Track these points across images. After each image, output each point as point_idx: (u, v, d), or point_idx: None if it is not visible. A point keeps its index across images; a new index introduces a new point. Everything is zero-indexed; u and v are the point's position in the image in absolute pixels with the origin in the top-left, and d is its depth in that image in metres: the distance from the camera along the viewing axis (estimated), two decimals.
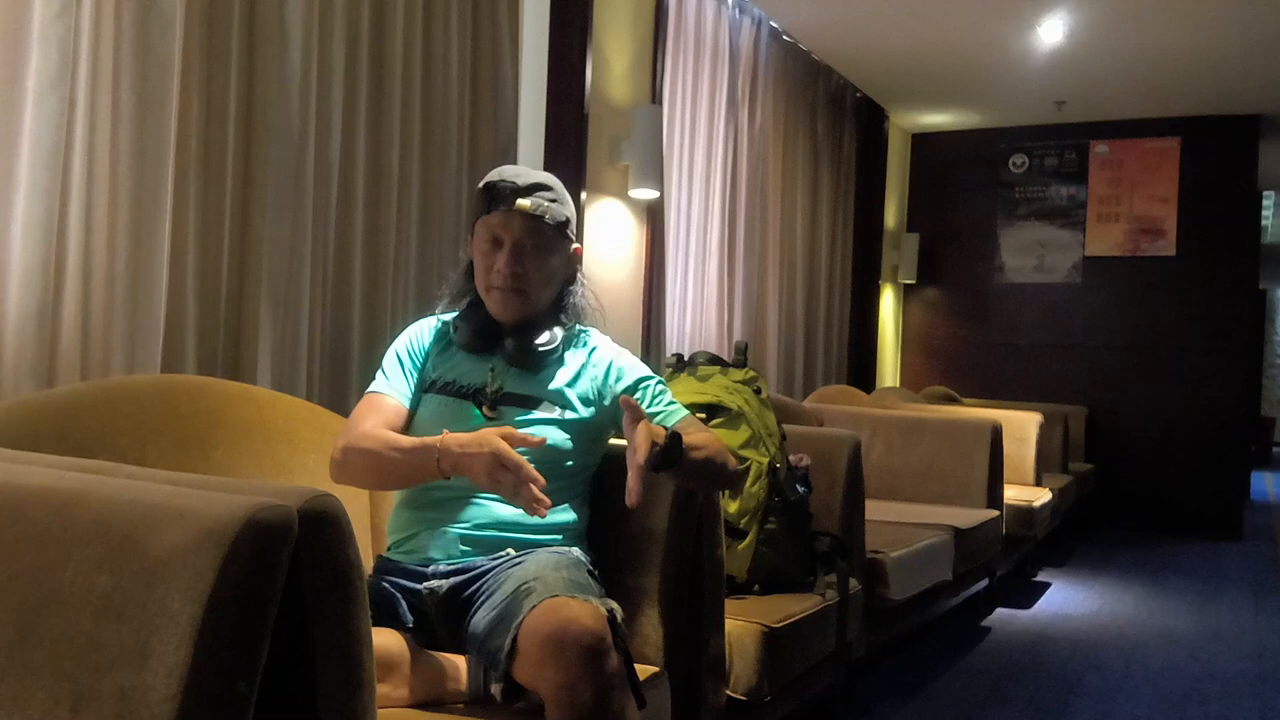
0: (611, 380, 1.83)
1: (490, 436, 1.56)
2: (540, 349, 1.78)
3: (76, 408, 1.59)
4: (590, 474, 1.85)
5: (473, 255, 1.85)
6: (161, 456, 1.63)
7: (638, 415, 1.56)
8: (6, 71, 1.78)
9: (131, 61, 1.96)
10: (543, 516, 1.54)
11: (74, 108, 1.88)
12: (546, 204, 1.79)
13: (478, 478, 1.57)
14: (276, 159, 2.28)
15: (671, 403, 1.84)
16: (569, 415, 1.78)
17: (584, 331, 1.89)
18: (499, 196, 1.78)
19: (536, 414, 1.77)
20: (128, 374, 1.96)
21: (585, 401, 1.82)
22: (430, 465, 1.61)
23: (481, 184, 1.83)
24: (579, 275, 1.90)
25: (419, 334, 1.90)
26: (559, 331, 1.82)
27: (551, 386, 1.80)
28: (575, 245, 1.88)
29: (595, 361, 1.85)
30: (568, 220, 1.83)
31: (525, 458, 1.60)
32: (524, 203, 1.77)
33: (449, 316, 1.90)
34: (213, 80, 2.16)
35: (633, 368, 1.86)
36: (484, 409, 1.77)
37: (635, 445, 1.51)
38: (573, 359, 1.84)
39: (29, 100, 1.79)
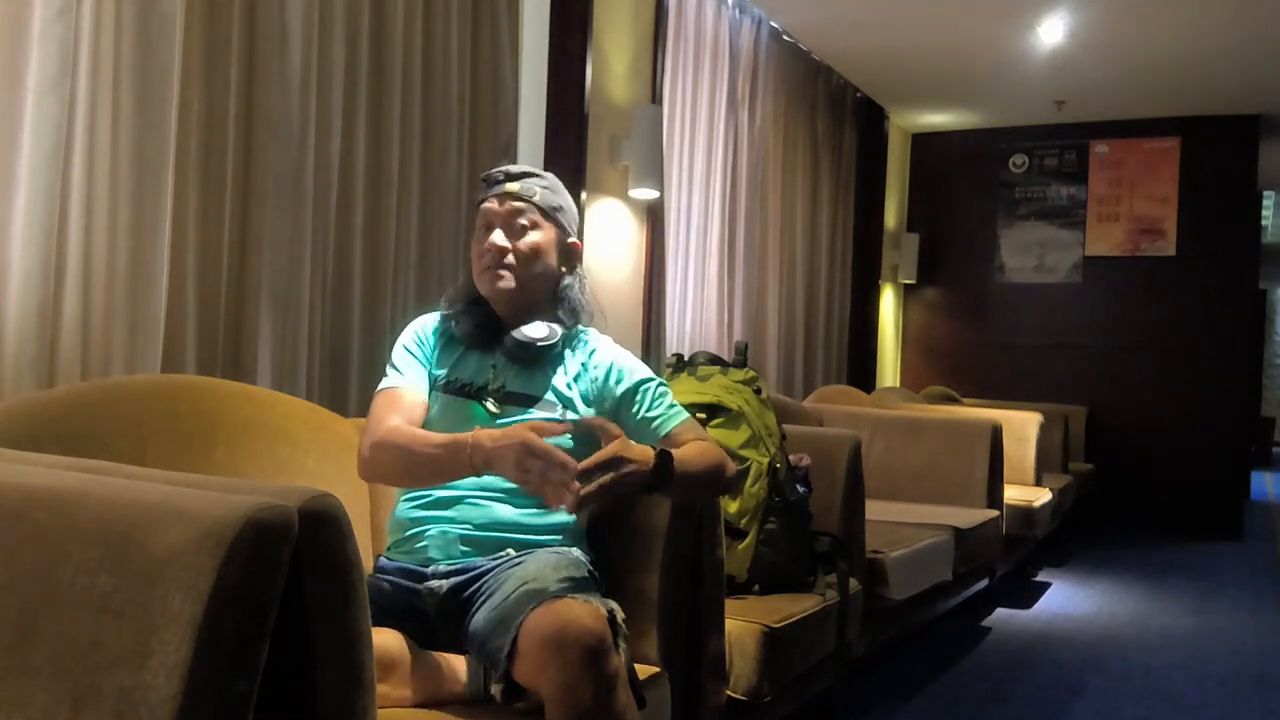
0: (612, 382, 1.83)
1: (520, 429, 1.57)
2: (540, 345, 1.78)
3: (76, 408, 1.59)
4: None
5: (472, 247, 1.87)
6: (161, 456, 1.63)
7: (610, 436, 1.60)
8: (6, 71, 1.78)
9: (131, 61, 1.96)
10: (571, 511, 1.54)
11: (74, 108, 1.88)
12: (536, 188, 1.83)
13: (508, 470, 1.57)
14: (276, 159, 2.28)
15: (673, 405, 1.83)
16: (570, 415, 1.78)
17: (583, 332, 1.89)
18: (492, 182, 1.84)
19: (536, 412, 1.77)
20: (128, 374, 1.96)
21: (586, 401, 1.82)
22: (463, 460, 1.60)
23: (480, 178, 1.88)
24: (579, 270, 1.91)
25: (423, 328, 1.90)
26: (558, 329, 1.82)
27: (552, 390, 1.80)
28: (573, 239, 1.88)
29: (596, 363, 1.85)
30: (560, 207, 1.85)
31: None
32: (512, 186, 1.82)
33: (449, 312, 1.90)
34: (213, 80, 2.16)
35: (633, 369, 1.85)
36: (487, 407, 1.77)
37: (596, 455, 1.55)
38: (573, 359, 1.84)
39: (29, 100, 1.79)
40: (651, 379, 1.85)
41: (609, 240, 3.71)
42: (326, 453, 1.93)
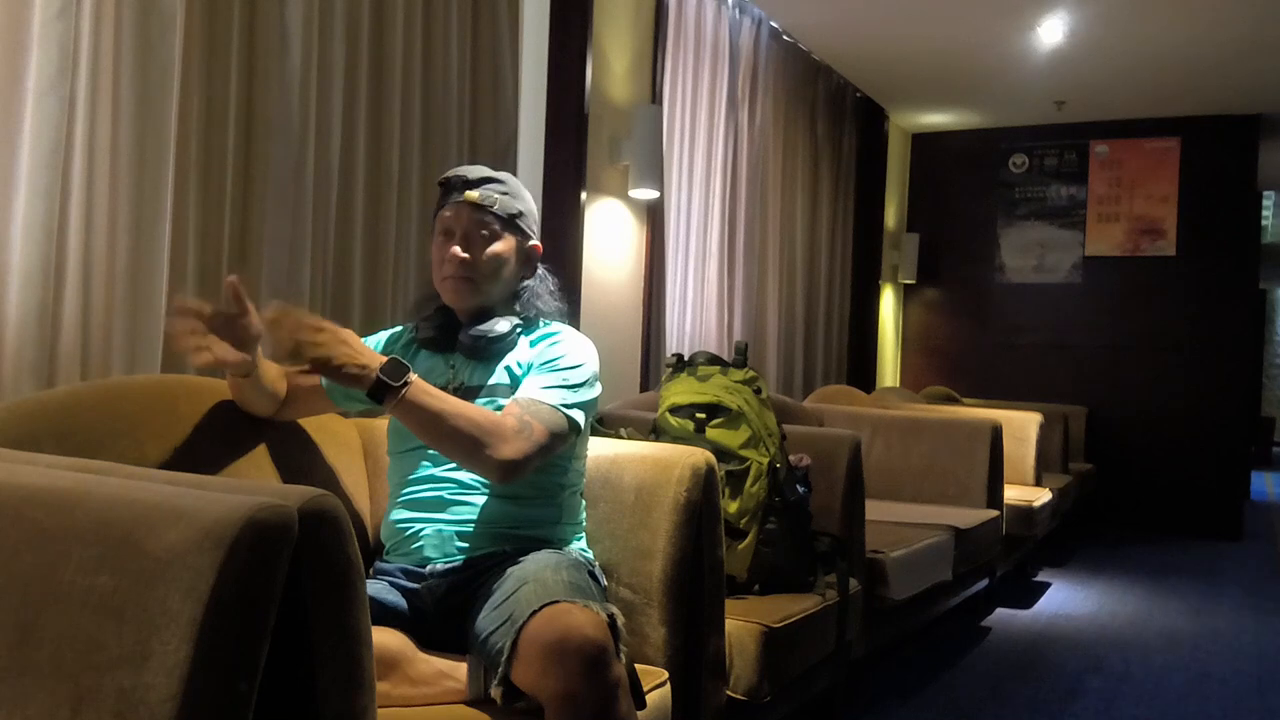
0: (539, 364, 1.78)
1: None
2: (491, 337, 1.77)
3: (76, 408, 1.59)
4: (567, 464, 1.81)
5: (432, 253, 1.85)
6: (161, 456, 1.63)
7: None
8: (6, 71, 1.78)
9: (131, 61, 1.96)
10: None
11: (74, 108, 1.88)
12: (496, 196, 1.80)
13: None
14: (276, 159, 2.28)
15: (548, 386, 1.72)
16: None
17: (548, 323, 1.86)
18: (450, 189, 1.81)
19: (484, 399, 1.75)
20: (128, 374, 1.96)
21: None
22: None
23: (438, 181, 1.84)
24: (539, 271, 1.90)
25: (380, 341, 1.91)
26: (513, 320, 1.81)
27: (504, 373, 1.78)
28: (533, 242, 1.88)
29: (549, 353, 1.79)
30: (520, 213, 1.83)
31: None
32: (472, 194, 1.79)
33: (416, 321, 1.89)
34: (213, 80, 2.16)
35: (557, 355, 1.77)
36: None
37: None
38: (531, 349, 1.81)
39: (29, 100, 1.79)
40: (557, 358, 1.77)
41: (609, 240, 3.71)
42: (327, 453, 1.93)
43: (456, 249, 1.77)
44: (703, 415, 2.43)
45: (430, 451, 1.73)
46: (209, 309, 1.60)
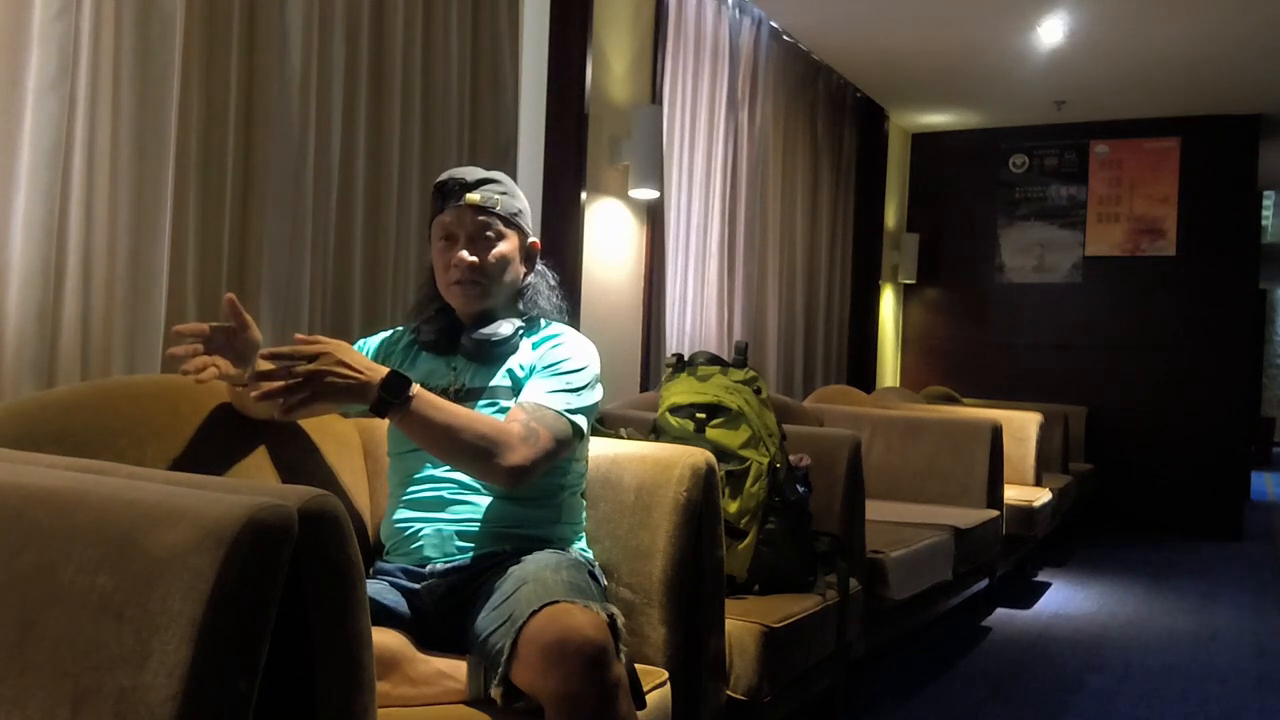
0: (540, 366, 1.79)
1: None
2: (494, 340, 1.77)
3: (76, 408, 1.59)
4: (568, 465, 1.81)
5: (432, 258, 1.85)
6: (161, 456, 1.63)
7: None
8: (6, 71, 1.78)
9: (131, 61, 1.96)
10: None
11: (74, 108, 1.88)
12: (496, 196, 1.80)
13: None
14: (276, 159, 2.28)
15: (553, 391, 1.72)
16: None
17: (549, 324, 1.86)
18: (449, 193, 1.79)
19: (486, 401, 1.75)
20: (128, 374, 1.96)
21: None
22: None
23: (433, 186, 1.83)
24: (539, 268, 1.90)
25: (373, 346, 1.91)
26: (515, 322, 1.81)
27: (506, 376, 1.78)
28: (532, 239, 1.88)
29: (550, 356, 1.80)
30: (520, 212, 1.84)
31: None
32: (473, 196, 1.78)
33: (416, 324, 1.89)
34: (213, 80, 2.16)
35: (561, 359, 1.77)
36: None
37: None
38: (532, 351, 1.81)
39: (29, 100, 1.79)
40: (560, 361, 1.77)
41: (609, 240, 3.71)
42: (327, 453, 1.93)
43: (464, 253, 1.77)
44: (703, 415, 2.43)
45: None
46: (208, 329, 1.58)
